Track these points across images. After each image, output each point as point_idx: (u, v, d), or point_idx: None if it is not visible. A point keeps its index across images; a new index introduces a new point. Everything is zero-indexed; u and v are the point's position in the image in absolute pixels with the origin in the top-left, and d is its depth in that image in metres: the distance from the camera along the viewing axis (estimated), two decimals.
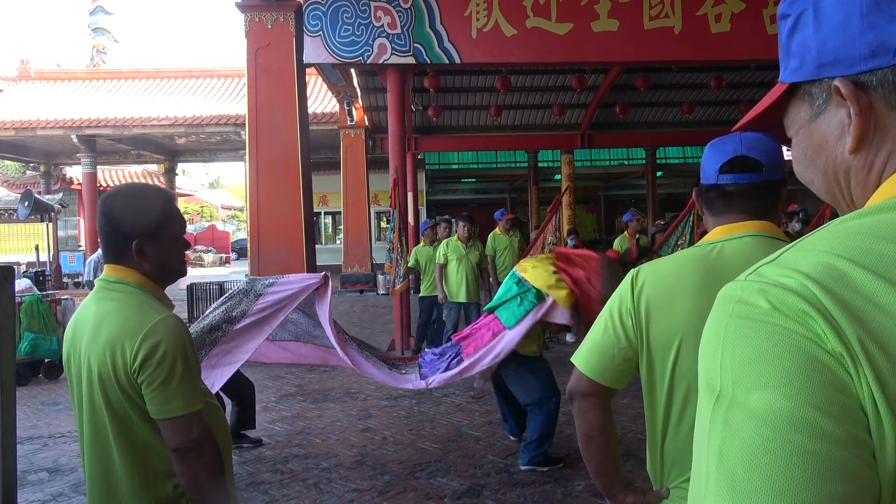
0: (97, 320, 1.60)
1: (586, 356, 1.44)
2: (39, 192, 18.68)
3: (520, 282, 4.10)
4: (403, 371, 4.26)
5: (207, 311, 4.14)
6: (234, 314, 3.93)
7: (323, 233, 23.33)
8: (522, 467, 4.35)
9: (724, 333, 0.54)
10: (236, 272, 22.11)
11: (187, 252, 1.76)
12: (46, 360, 7.66)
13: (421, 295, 8.20)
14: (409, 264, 8.19)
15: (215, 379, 3.81)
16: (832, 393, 0.48)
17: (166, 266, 1.69)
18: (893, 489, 0.47)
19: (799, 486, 0.45)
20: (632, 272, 1.45)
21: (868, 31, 0.56)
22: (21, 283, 8.25)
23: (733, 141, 1.42)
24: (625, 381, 1.45)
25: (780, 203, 1.45)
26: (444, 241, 7.90)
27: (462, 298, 7.50)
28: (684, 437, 1.36)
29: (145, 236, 1.63)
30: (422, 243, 8.38)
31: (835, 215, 0.62)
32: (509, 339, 4.06)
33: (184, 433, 1.53)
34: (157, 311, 1.59)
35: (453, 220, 8.94)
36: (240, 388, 4.97)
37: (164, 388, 1.53)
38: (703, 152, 1.48)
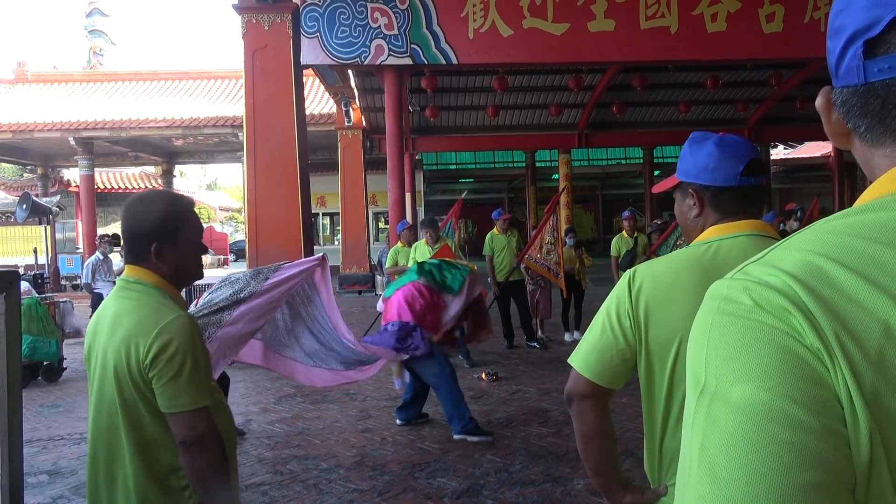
0: (115, 318, 1.70)
1: (584, 357, 1.43)
2: (37, 195, 18.63)
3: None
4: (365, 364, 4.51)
5: (206, 293, 4.20)
6: (241, 296, 4.00)
7: (321, 234, 23.32)
8: (456, 437, 4.89)
9: (710, 329, 0.56)
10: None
11: None
12: (45, 363, 7.66)
13: None
14: (387, 265, 8.23)
15: (220, 358, 3.94)
16: (809, 386, 0.50)
17: (183, 269, 1.78)
18: (867, 478, 0.49)
19: (774, 474, 0.47)
20: (629, 272, 1.44)
21: (830, 54, 0.61)
22: None
23: (742, 144, 1.43)
24: (622, 381, 1.44)
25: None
26: (413, 245, 7.92)
27: None
28: None
29: (164, 240, 1.72)
30: (399, 244, 8.36)
31: (823, 213, 0.65)
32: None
33: (189, 428, 1.61)
34: (172, 311, 1.68)
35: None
36: (220, 380, 5.01)
37: (174, 383, 1.61)
38: (708, 154, 1.43)
